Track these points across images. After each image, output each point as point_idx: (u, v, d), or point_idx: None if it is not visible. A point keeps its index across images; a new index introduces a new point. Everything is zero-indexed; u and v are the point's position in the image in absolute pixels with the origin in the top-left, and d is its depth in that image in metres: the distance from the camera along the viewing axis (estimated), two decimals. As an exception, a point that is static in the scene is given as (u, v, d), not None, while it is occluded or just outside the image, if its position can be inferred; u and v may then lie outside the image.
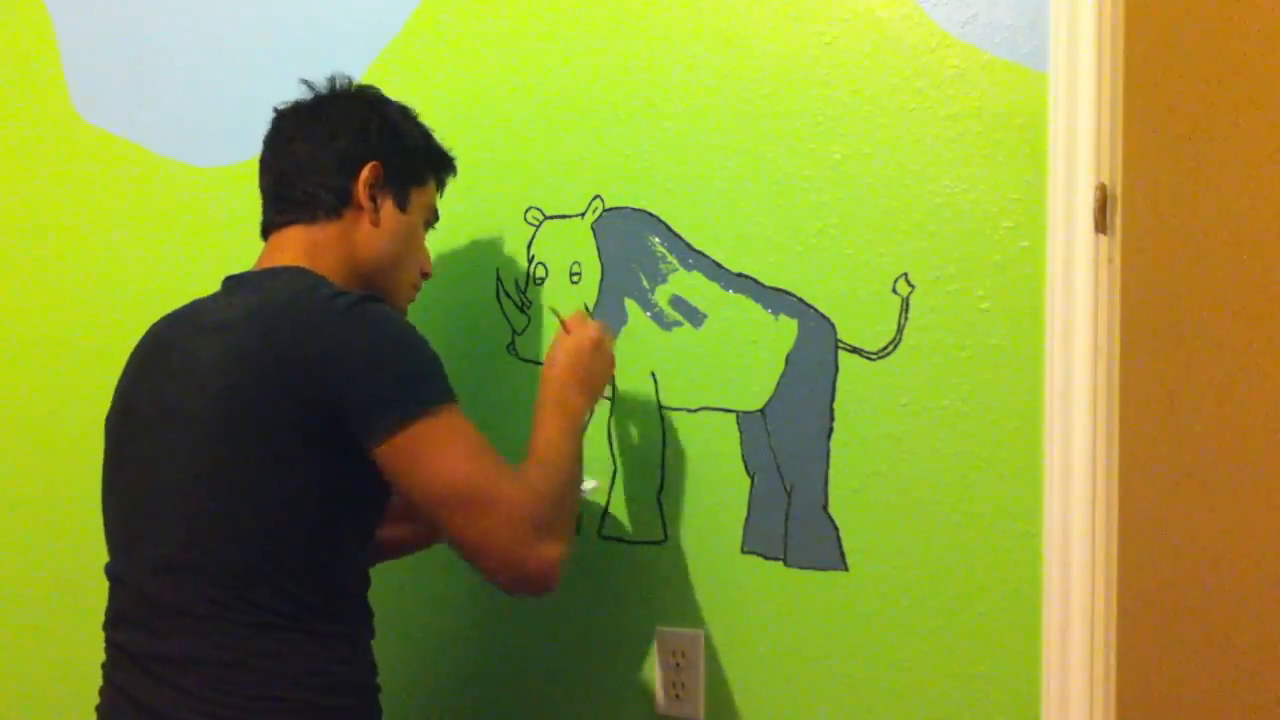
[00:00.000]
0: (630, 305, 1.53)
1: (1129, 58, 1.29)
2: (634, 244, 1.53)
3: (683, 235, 1.50)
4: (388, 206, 1.36)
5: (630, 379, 1.53)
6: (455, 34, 1.64)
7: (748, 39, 1.47)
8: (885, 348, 1.39)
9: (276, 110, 1.41)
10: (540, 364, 1.56)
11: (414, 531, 1.48)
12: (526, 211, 1.58)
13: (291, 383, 1.18)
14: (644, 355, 1.52)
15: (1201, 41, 1.51)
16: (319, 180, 1.33)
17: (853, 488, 1.41)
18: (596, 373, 1.40)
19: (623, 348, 1.52)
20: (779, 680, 1.44)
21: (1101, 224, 1.27)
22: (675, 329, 1.51)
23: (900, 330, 1.38)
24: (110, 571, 1.30)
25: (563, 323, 1.42)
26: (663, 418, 1.51)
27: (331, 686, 1.22)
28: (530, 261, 1.59)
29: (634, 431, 1.53)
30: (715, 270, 1.48)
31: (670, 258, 1.51)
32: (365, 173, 1.34)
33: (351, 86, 1.42)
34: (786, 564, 1.44)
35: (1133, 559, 1.29)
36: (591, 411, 1.45)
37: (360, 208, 1.34)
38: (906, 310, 1.38)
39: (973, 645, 1.35)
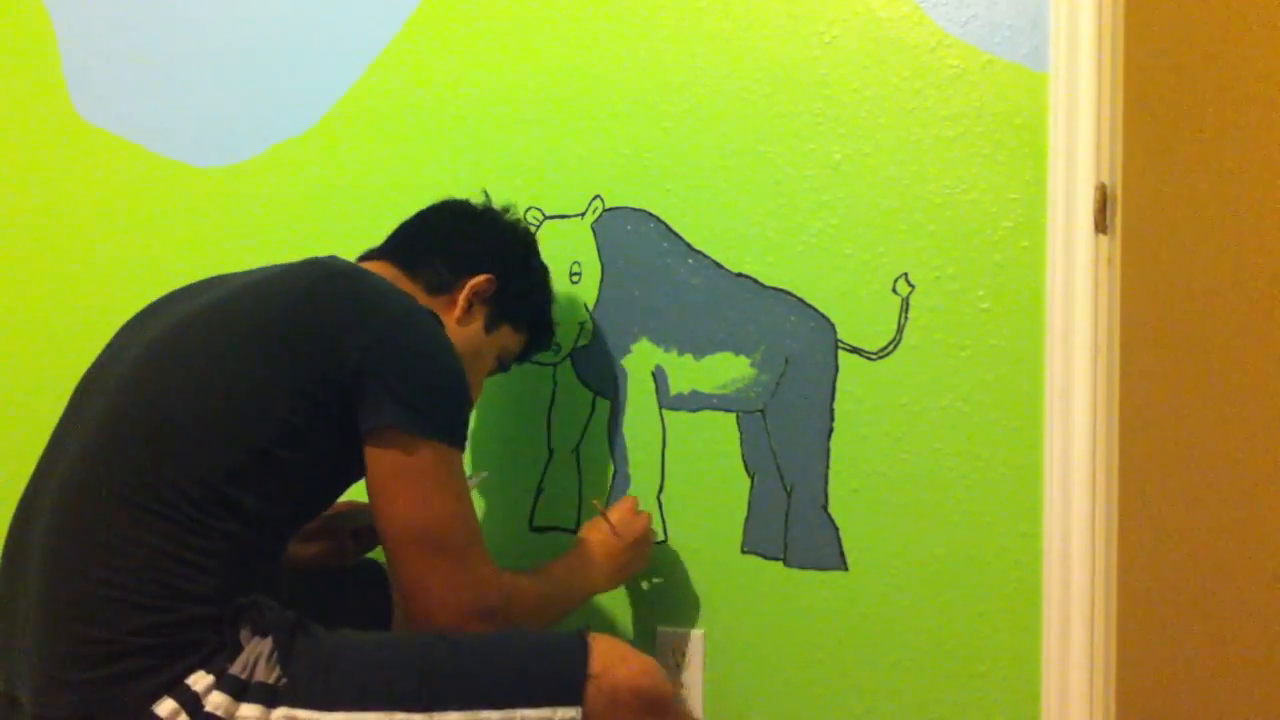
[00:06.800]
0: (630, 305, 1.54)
1: (1129, 58, 1.29)
2: (634, 244, 1.53)
3: (683, 235, 1.50)
4: (477, 320, 1.38)
5: (630, 379, 1.53)
6: (455, 34, 1.64)
7: (748, 39, 1.47)
8: (885, 348, 1.39)
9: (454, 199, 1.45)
10: (541, 364, 1.57)
11: (322, 552, 1.41)
12: (526, 211, 1.58)
13: (324, 332, 1.15)
14: (644, 354, 1.52)
15: (1201, 41, 1.51)
16: (441, 259, 1.36)
17: (853, 488, 1.41)
18: (625, 565, 1.42)
19: (623, 348, 1.52)
20: (779, 680, 1.44)
21: (1101, 224, 1.27)
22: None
23: (900, 330, 1.38)
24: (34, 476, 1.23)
25: (602, 513, 1.42)
26: (663, 418, 1.51)
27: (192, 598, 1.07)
28: (530, 261, 1.59)
29: (634, 431, 1.53)
30: (715, 270, 1.48)
31: (670, 258, 1.51)
32: (479, 279, 1.37)
33: (519, 220, 1.48)
34: (786, 564, 1.44)
35: (1133, 559, 1.29)
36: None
37: (455, 303, 1.36)
38: (906, 310, 1.38)
39: (973, 645, 1.35)
